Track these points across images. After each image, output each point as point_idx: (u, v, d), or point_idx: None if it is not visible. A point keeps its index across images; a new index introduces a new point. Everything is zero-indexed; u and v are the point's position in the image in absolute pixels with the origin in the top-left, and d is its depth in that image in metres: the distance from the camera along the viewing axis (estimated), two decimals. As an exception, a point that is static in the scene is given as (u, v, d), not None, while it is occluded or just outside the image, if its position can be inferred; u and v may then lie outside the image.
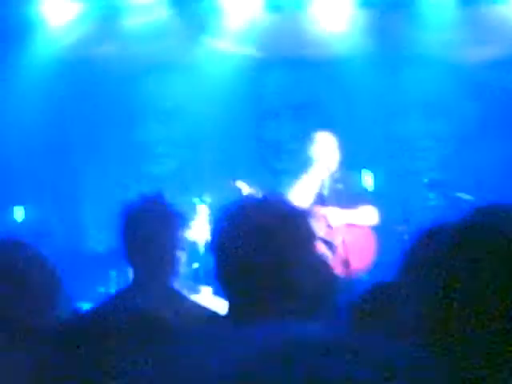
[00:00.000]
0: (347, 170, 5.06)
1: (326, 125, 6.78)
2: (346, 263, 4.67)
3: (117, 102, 6.91)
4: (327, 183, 4.94)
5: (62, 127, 6.85)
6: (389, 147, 6.73)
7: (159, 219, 2.23)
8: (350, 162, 5.13)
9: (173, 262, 2.26)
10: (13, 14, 6.33)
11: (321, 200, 4.85)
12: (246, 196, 4.36)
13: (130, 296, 2.20)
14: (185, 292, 4.89)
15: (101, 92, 6.86)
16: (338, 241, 4.80)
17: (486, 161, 6.44)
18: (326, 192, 4.90)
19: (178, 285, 5.01)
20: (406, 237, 4.85)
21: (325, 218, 4.83)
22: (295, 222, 1.60)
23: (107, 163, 6.83)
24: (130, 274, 2.28)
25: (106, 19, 6.55)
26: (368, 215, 4.93)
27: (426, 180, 5.76)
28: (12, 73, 6.51)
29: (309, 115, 6.94)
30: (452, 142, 6.76)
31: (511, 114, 6.47)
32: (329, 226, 4.82)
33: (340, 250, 4.75)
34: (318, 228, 4.70)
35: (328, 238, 4.76)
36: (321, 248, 4.71)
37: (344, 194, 4.86)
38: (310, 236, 1.62)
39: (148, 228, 2.21)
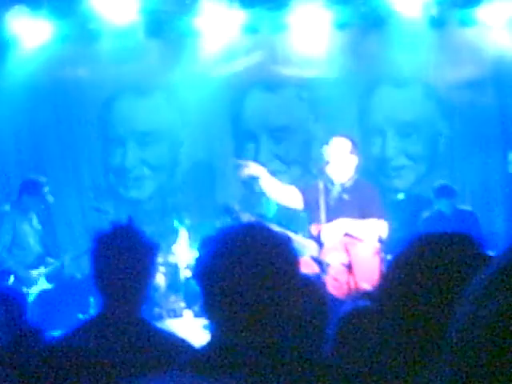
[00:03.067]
0: (359, 180, 4.75)
1: (304, 146, 6.87)
2: (348, 283, 4.39)
3: (93, 125, 6.89)
4: (335, 192, 4.68)
5: (35, 150, 6.78)
6: (365, 166, 6.80)
7: (127, 248, 2.22)
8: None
9: (141, 291, 2.25)
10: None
11: (326, 210, 4.52)
12: (231, 222, 4.28)
13: (95, 327, 2.18)
14: (165, 316, 4.89)
15: (76, 115, 6.84)
16: (338, 260, 4.51)
17: (459, 178, 6.55)
18: (332, 202, 4.62)
19: (157, 310, 4.99)
20: (382, 255, 4.76)
21: (326, 233, 4.56)
22: (282, 248, 1.62)
23: (83, 187, 6.79)
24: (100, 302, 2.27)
25: (82, 41, 6.55)
26: (375, 229, 4.60)
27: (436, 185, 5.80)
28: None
29: (287, 136, 6.99)
30: (425, 160, 6.86)
31: (482, 133, 6.61)
32: (326, 246, 4.54)
33: (340, 269, 4.48)
34: (314, 248, 4.60)
35: (324, 259, 4.51)
36: (314, 269, 4.60)
37: (351, 205, 4.60)
38: (295, 261, 1.64)
39: (115, 257, 2.21)
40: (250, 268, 1.52)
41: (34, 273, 5.36)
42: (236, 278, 1.53)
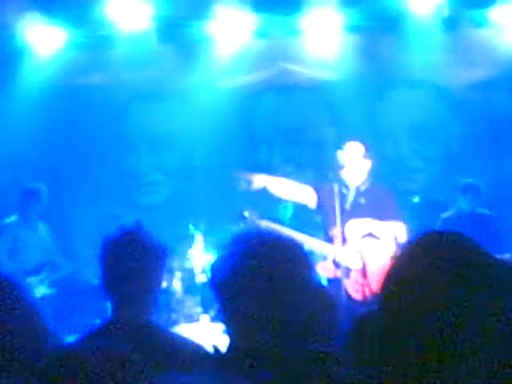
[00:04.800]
0: (374, 183, 4.71)
1: (318, 148, 6.87)
2: (365, 287, 4.40)
3: (107, 131, 6.93)
4: (351, 196, 4.65)
5: (50, 157, 6.82)
6: (379, 169, 6.79)
7: (136, 252, 2.23)
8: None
9: (151, 294, 2.26)
10: (-1, 42, 6.34)
11: (342, 214, 4.49)
12: (246, 228, 4.26)
13: (106, 333, 2.19)
14: (181, 321, 4.90)
15: (91, 121, 6.88)
16: (355, 264, 4.51)
17: (477, 180, 6.51)
18: (348, 206, 4.60)
19: (174, 315, 5.00)
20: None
21: (347, 232, 4.54)
22: (292, 254, 1.64)
23: (98, 194, 6.83)
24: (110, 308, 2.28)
25: (95, 48, 6.59)
26: (394, 230, 4.54)
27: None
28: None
29: (300, 139, 7.00)
30: (439, 162, 6.84)
31: (496, 133, 6.58)
32: (345, 248, 4.54)
33: (358, 273, 4.49)
34: (332, 251, 4.60)
35: (342, 262, 4.50)
36: (333, 272, 4.62)
37: (367, 209, 4.55)
38: (306, 266, 1.66)
39: (124, 261, 2.21)
40: (262, 275, 1.55)
41: (33, 279, 5.40)
42: (249, 286, 1.56)
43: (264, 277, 1.58)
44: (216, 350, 1.63)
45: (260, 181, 4.62)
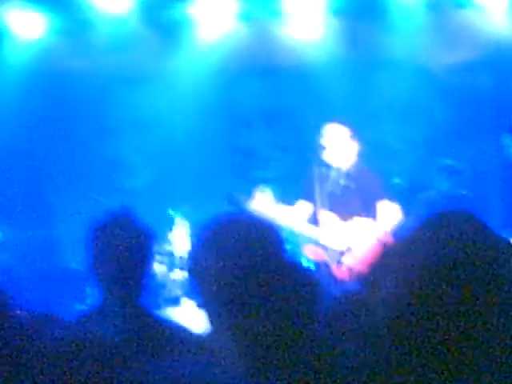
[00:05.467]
0: (361, 166, 4.70)
1: (300, 132, 6.85)
2: (352, 269, 4.40)
3: (88, 115, 6.88)
4: (339, 180, 4.64)
5: (31, 142, 6.75)
6: (361, 150, 6.79)
7: (123, 236, 2.21)
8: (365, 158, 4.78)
9: (140, 279, 2.24)
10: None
11: (331, 199, 4.54)
12: (222, 212, 4.23)
13: (96, 317, 2.18)
14: (163, 305, 4.90)
15: (72, 105, 6.82)
16: (343, 246, 4.53)
17: (455, 161, 6.54)
18: (334, 188, 4.60)
19: (155, 298, 5.00)
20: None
21: (332, 221, 4.56)
22: (266, 236, 1.65)
23: (80, 178, 6.78)
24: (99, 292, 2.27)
25: (76, 32, 6.52)
26: (387, 213, 4.56)
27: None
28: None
29: (283, 123, 6.98)
30: (422, 144, 6.85)
31: (478, 115, 6.59)
32: (333, 232, 4.55)
33: (346, 255, 4.51)
34: (319, 234, 4.60)
35: (330, 245, 4.53)
36: (321, 255, 4.62)
37: (356, 192, 4.57)
38: (279, 249, 1.65)
39: (112, 245, 2.19)
40: (234, 258, 1.55)
41: None
42: (221, 269, 1.56)
43: (236, 260, 1.59)
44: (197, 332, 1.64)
45: (257, 206, 4.47)
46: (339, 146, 4.66)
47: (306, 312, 2.08)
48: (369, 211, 4.60)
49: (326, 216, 4.58)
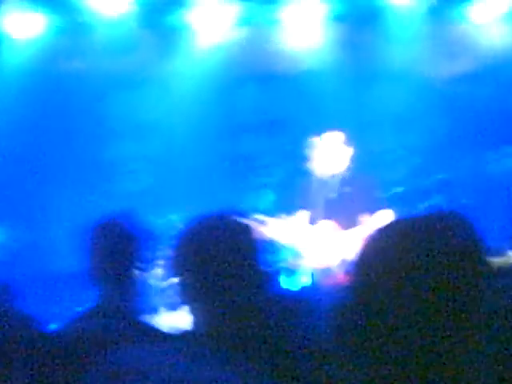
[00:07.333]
0: (357, 171, 4.74)
1: (299, 138, 6.86)
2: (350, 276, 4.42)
3: (87, 119, 6.85)
4: (335, 186, 4.65)
5: (30, 145, 6.72)
6: (361, 158, 6.81)
7: (123, 238, 2.21)
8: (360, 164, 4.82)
9: (137, 282, 2.24)
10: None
11: (327, 204, 4.55)
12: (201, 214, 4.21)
13: (90, 319, 2.17)
14: (162, 309, 4.86)
15: (70, 108, 6.80)
16: (342, 254, 4.52)
17: (455, 171, 6.57)
18: (333, 195, 4.62)
19: (154, 303, 4.96)
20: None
21: (331, 228, 4.57)
22: (240, 237, 1.69)
23: (79, 181, 6.75)
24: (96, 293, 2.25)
25: (74, 34, 6.51)
26: (383, 220, 4.49)
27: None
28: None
29: (282, 129, 6.99)
30: (421, 152, 6.88)
31: (478, 125, 6.63)
32: (331, 239, 4.55)
33: (344, 262, 4.50)
34: (316, 241, 4.58)
35: (327, 252, 4.53)
36: (319, 263, 4.59)
37: (352, 198, 4.58)
38: (252, 249, 1.69)
39: (108, 247, 2.19)
40: (213, 259, 1.62)
41: None
42: (201, 270, 1.63)
43: (214, 261, 1.63)
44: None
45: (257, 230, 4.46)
46: (337, 153, 4.65)
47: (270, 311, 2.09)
48: (365, 218, 4.61)
49: (325, 224, 4.57)
